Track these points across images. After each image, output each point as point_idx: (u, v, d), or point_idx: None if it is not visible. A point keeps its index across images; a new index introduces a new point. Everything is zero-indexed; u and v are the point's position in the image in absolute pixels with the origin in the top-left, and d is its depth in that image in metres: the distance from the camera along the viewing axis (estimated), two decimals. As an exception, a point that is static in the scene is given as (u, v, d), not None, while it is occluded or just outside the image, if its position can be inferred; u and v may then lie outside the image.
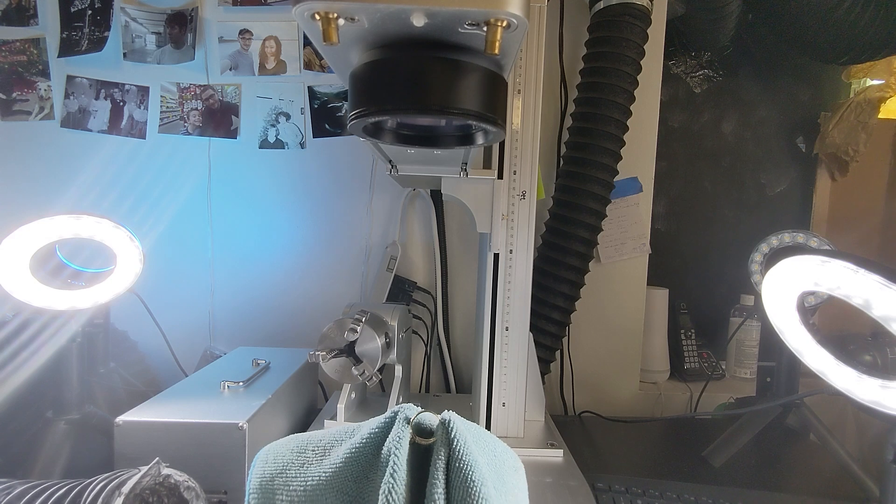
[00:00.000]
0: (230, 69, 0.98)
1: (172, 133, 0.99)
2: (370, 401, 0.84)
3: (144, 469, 0.45)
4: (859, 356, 0.63)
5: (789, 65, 1.26)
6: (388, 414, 0.40)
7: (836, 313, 1.02)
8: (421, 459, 0.38)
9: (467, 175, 0.67)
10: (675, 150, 1.28)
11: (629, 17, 0.85)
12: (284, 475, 0.40)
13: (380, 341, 0.67)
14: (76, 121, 0.99)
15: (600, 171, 0.88)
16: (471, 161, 0.64)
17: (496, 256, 0.72)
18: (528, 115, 0.70)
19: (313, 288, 1.02)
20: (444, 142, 0.48)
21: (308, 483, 0.39)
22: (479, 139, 0.46)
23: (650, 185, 1.03)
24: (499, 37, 0.33)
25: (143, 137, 0.99)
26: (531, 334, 0.74)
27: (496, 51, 0.33)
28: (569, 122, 0.94)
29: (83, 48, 0.96)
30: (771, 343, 0.82)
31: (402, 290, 1.00)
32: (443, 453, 0.37)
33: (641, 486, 0.66)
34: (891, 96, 1.18)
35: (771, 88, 1.28)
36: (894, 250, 1.31)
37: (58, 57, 0.97)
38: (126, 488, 0.43)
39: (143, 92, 0.98)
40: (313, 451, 0.41)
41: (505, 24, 0.32)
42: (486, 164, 0.70)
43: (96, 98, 0.98)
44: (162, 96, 0.98)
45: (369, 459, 0.39)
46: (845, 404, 1.05)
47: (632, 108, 0.89)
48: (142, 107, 0.98)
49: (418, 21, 0.33)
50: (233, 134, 0.99)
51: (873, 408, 0.49)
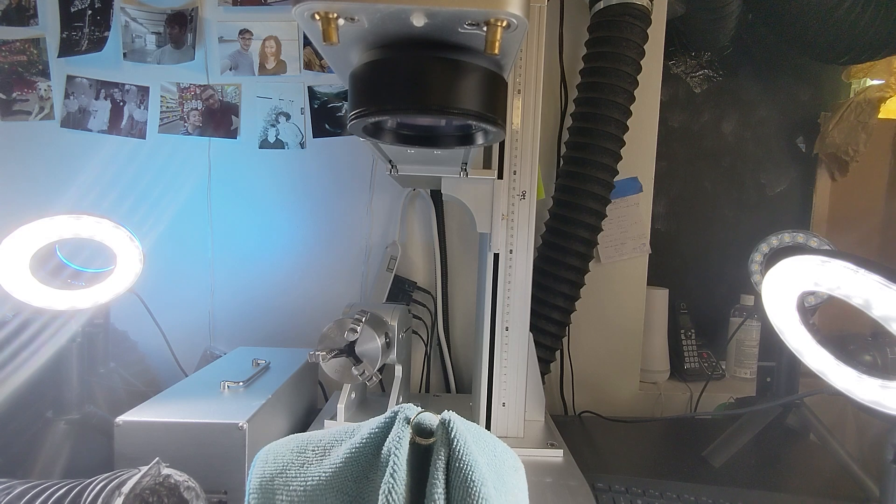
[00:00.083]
0: (230, 69, 0.98)
1: (172, 133, 0.99)
2: (370, 401, 0.84)
3: (144, 469, 0.45)
4: (859, 356, 0.63)
5: (789, 65, 1.26)
6: (388, 414, 0.40)
7: (836, 313, 1.02)
8: (421, 459, 0.38)
9: (467, 175, 0.67)
10: (675, 150, 1.28)
11: (629, 17, 0.85)
12: (284, 475, 0.40)
13: (380, 341, 0.67)
14: (76, 121, 0.99)
15: (600, 171, 0.88)
16: (471, 161, 0.64)
17: (496, 256, 0.72)
18: (528, 115, 0.70)
19: (313, 288, 1.02)
20: (444, 142, 0.48)
21: (308, 483, 0.39)
22: (479, 139, 0.46)
23: (650, 185, 1.03)
24: (499, 37, 0.33)
25: (143, 137, 0.99)
26: (531, 334, 0.74)
27: (496, 51, 0.33)
28: (569, 122, 0.94)
29: (83, 48, 0.96)
30: (771, 343, 0.82)
31: (402, 290, 1.00)
32: (443, 453, 0.37)
33: (641, 486, 0.66)
34: (891, 96, 1.18)
35: (771, 88, 1.28)
36: (894, 250, 1.31)
37: (58, 57, 0.97)
38: (126, 488, 0.43)
39: (143, 92, 0.98)
40: (313, 451, 0.41)
41: (505, 24, 0.32)
42: (486, 164, 0.70)
43: (96, 98, 0.98)
44: (162, 96, 0.98)
45: (369, 459, 0.39)
46: (845, 404, 1.05)
47: (632, 108, 0.89)
48: (142, 107, 0.98)
49: (418, 21, 0.33)
50: (233, 134, 0.99)
51: (873, 408, 0.49)
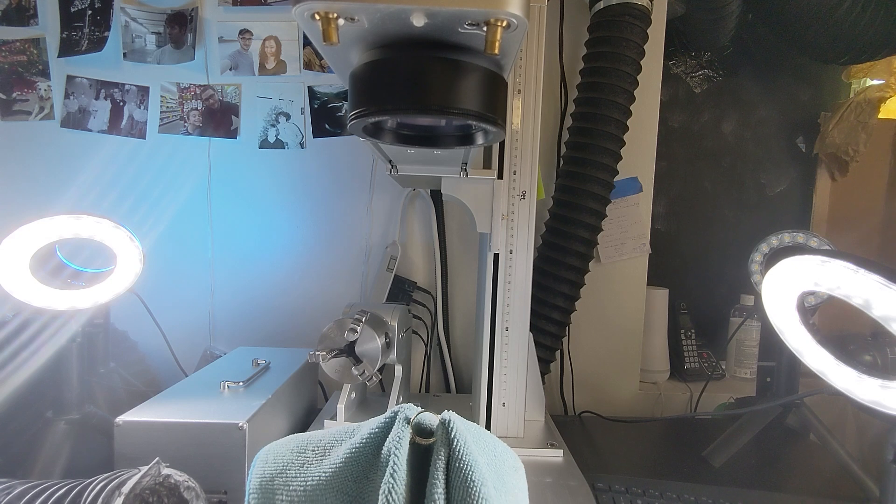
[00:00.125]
0: (230, 69, 0.98)
1: (172, 133, 0.99)
2: (370, 401, 0.84)
3: (144, 469, 0.45)
4: (859, 356, 0.63)
5: (789, 65, 1.26)
6: (388, 414, 0.40)
7: (836, 313, 1.02)
8: (421, 459, 0.38)
9: (467, 175, 0.67)
10: (675, 150, 1.28)
11: (629, 17, 0.85)
12: (284, 475, 0.40)
13: (380, 341, 0.67)
14: (76, 121, 0.99)
15: (600, 171, 0.88)
16: (471, 161, 0.64)
17: (496, 256, 0.72)
18: (528, 115, 0.70)
19: (313, 288, 1.02)
20: (444, 142, 0.48)
21: (308, 483, 0.39)
22: (479, 139, 0.46)
23: (650, 185, 1.03)
24: (499, 37, 0.33)
25: (143, 137, 0.99)
26: (531, 334, 0.74)
27: (496, 51, 0.33)
28: (569, 122, 0.94)
29: (83, 48, 0.96)
30: (771, 343, 0.82)
31: (402, 290, 1.00)
32: (443, 453, 0.37)
33: (641, 486, 0.66)
34: (891, 96, 1.18)
35: (771, 88, 1.28)
36: (894, 250, 1.31)
37: (58, 57, 0.97)
38: (126, 488, 0.43)
39: (143, 92, 0.98)
40: (313, 451, 0.41)
41: (505, 24, 0.32)
42: (486, 164, 0.70)
43: (96, 98, 0.98)
44: (162, 96, 0.98)
45: (369, 459, 0.39)
46: (845, 404, 1.05)
47: (632, 108, 0.89)
48: (142, 107, 0.98)
49: (418, 21, 0.33)
50: (233, 134, 0.99)
51: (873, 408, 0.49)
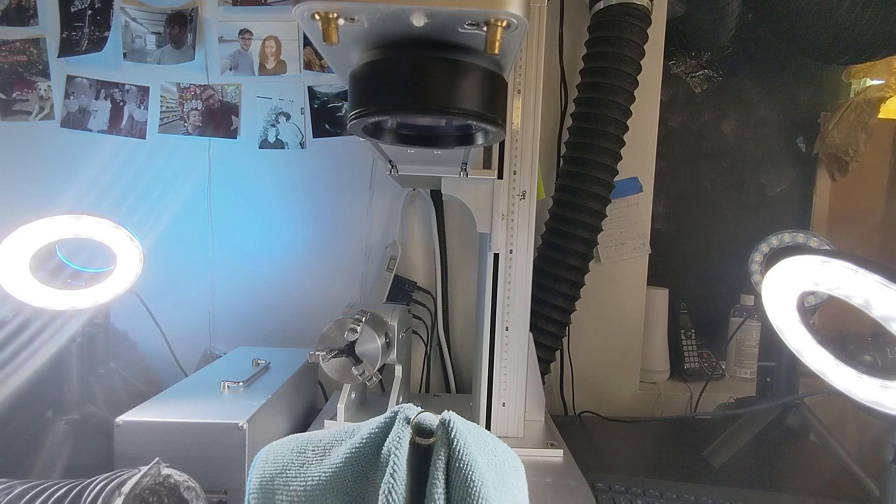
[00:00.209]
0: (230, 69, 0.98)
1: (172, 133, 0.99)
2: (370, 401, 0.84)
3: (144, 469, 0.45)
4: (859, 356, 0.63)
5: (789, 65, 1.26)
6: (388, 414, 0.40)
7: (836, 313, 1.02)
8: (421, 459, 0.38)
9: (467, 175, 0.67)
10: (675, 150, 1.28)
11: (629, 17, 0.85)
12: (284, 475, 0.40)
13: (380, 341, 0.67)
14: (76, 121, 0.99)
15: (600, 171, 0.88)
16: (471, 161, 0.64)
17: (496, 256, 0.72)
18: (528, 115, 0.69)
19: (313, 288, 1.02)
20: (444, 142, 0.48)
21: (308, 483, 0.39)
22: (479, 139, 0.46)
23: (650, 185, 1.03)
24: (499, 37, 0.33)
25: (143, 137, 0.99)
26: (531, 334, 0.74)
27: (496, 51, 0.33)
28: (569, 122, 0.94)
29: (83, 48, 0.96)
30: (771, 343, 0.82)
31: (402, 290, 1.00)
32: (443, 453, 0.37)
33: (641, 486, 0.66)
34: (891, 96, 1.18)
35: (771, 88, 1.28)
36: (894, 250, 1.31)
37: (58, 57, 0.97)
38: (126, 488, 0.43)
39: (143, 92, 0.98)
40: (313, 451, 0.41)
41: (505, 24, 0.32)
42: (486, 164, 0.70)
43: (96, 98, 0.98)
44: (162, 96, 0.98)
45: (369, 459, 0.39)
46: (845, 404, 1.05)
47: (632, 108, 0.89)
48: (142, 107, 0.98)
49: (418, 21, 0.33)
50: (233, 134, 0.99)
51: (873, 408, 0.49)
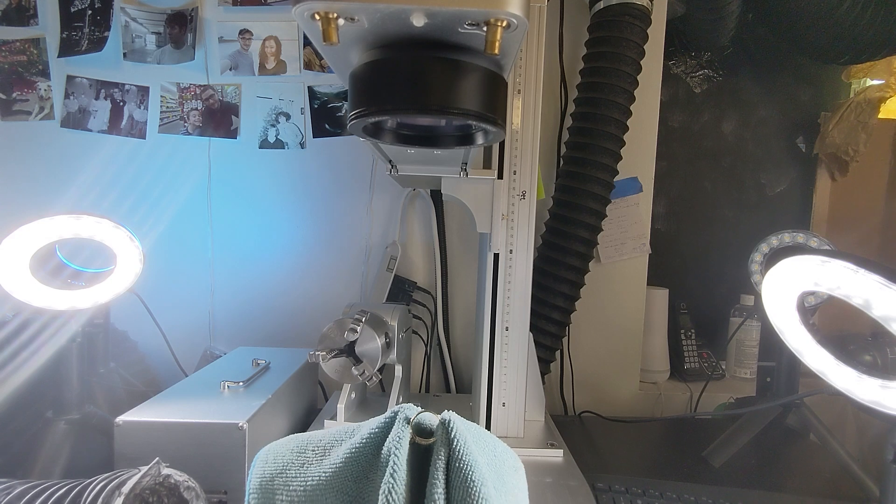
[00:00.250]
0: (230, 69, 0.98)
1: (172, 133, 0.99)
2: (370, 401, 0.84)
3: (144, 469, 0.45)
4: (859, 356, 0.63)
5: (789, 65, 1.26)
6: (388, 414, 0.40)
7: (836, 313, 1.01)
8: (421, 459, 0.38)
9: (467, 175, 0.67)
10: (675, 150, 1.28)
11: (629, 17, 0.85)
12: (284, 475, 0.40)
13: (380, 341, 0.67)
14: (76, 121, 0.99)
15: (600, 171, 0.88)
16: (471, 161, 0.64)
17: (496, 256, 0.72)
18: (528, 115, 0.69)
19: (313, 288, 1.02)
20: (444, 142, 0.48)
21: (308, 483, 0.39)
22: (479, 139, 0.46)
23: (650, 185, 1.03)
24: (499, 37, 0.33)
25: (143, 137, 0.99)
26: (531, 334, 0.74)
27: (496, 51, 0.33)
28: (569, 122, 0.94)
29: (83, 48, 0.96)
30: (771, 343, 0.82)
31: (402, 290, 1.00)
32: (443, 453, 0.37)
33: (641, 486, 0.66)
34: (891, 96, 1.18)
35: (771, 88, 1.28)
36: (894, 250, 1.31)
37: (58, 57, 0.97)
38: (126, 488, 0.43)
39: (143, 92, 0.98)
40: (313, 451, 0.41)
41: (505, 24, 0.32)
42: (486, 164, 0.70)
43: (96, 98, 0.98)
44: (162, 96, 0.98)
45: (369, 459, 0.39)
46: (845, 404, 1.05)
47: (632, 108, 0.89)
48: (142, 107, 0.98)
49: (418, 21, 0.33)
50: (233, 134, 0.99)
51: (873, 408, 0.49)
